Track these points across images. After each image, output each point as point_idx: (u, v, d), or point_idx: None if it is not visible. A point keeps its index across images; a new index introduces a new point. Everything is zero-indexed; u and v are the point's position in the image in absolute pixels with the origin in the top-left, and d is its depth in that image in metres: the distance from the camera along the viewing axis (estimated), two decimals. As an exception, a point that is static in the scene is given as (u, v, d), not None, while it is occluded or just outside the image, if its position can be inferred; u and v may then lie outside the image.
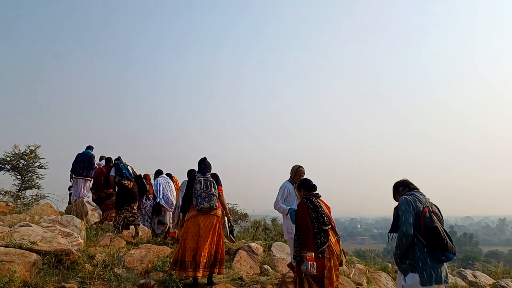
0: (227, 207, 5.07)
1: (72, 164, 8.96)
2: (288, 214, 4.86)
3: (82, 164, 8.84)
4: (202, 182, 4.75)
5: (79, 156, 8.95)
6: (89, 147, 9.38)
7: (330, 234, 3.97)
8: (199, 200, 4.63)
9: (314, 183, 4.30)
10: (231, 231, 4.93)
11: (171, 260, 4.90)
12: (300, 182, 4.42)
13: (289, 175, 5.52)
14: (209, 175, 4.92)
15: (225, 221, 4.82)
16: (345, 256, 4.24)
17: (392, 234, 3.54)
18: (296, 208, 4.24)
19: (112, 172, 7.63)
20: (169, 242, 7.55)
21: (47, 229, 4.97)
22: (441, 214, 3.48)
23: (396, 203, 3.65)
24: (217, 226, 4.73)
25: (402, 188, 3.64)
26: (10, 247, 4.08)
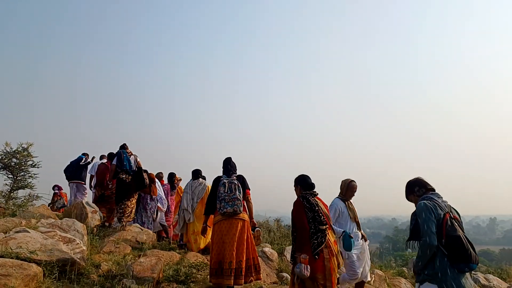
0: (253, 212, 4.66)
1: (64, 171, 9.04)
2: (341, 238, 4.27)
3: (72, 168, 8.90)
4: (227, 185, 4.40)
5: (71, 162, 9.04)
6: (84, 154, 9.26)
7: (329, 234, 3.75)
8: (223, 204, 4.31)
9: (312, 181, 3.98)
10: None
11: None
12: (297, 179, 4.03)
13: (339, 190, 4.92)
14: (235, 177, 4.53)
15: (261, 232, 4.45)
16: (342, 258, 3.99)
17: (411, 242, 3.19)
18: (350, 232, 3.89)
19: (114, 161, 7.13)
20: (173, 246, 7.08)
21: (46, 234, 4.46)
22: (460, 217, 3.14)
23: (406, 202, 3.37)
24: (243, 231, 4.37)
25: (418, 189, 3.26)
26: (6, 258, 3.56)
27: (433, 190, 3.23)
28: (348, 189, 4.81)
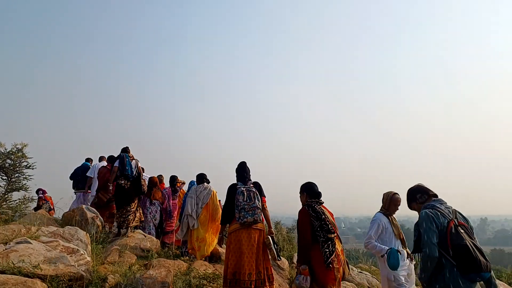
0: (270, 221, 4.45)
1: (70, 178, 8.56)
2: (386, 256, 3.85)
3: (78, 177, 8.43)
4: (245, 193, 4.21)
5: (76, 170, 8.55)
6: (88, 160, 8.85)
7: (337, 243, 3.64)
8: (242, 213, 4.10)
9: (319, 189, 3.84)
10: (277, 251, 4.30)
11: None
12: (304, 186, 3.89)
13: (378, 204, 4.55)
14: (252, 185, 4.32)
15: (270, 240, 4.20)
16: (348, 268, 3.80)
17: (415, 255, 3.19)
18: (396, 248, 3.50)
19: (117, 164, 6.86)
20: (176, 252, 6.82)
21: (49, 245, 4.17)
22: (468, 221, 2.96)
23: (408, 210, 3.27)
24: (260, 241, 4.20)
25: (420, 195, 3.13)
26: (8, 273, 3.28)
27: (436, 196, 3.10)
28: (391, 202, 4.39)
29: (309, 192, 3.82)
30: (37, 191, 10.08)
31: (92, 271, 4.14)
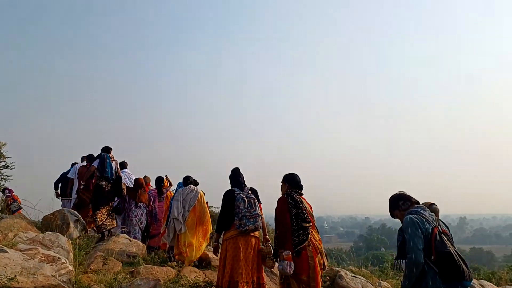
0: (265, 227, 4.31)
1: (54, 185, 8.14)
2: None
3: (65, 183, 7.95)
4: (246, 200, 4.08)
5: (62, 175, 8.11)
6: (74, 164, 8.38)
7: (314, 232, 3.73)
8: (244, 221, 3.97)
9: (301, 181, 3.92)
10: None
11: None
12: (286, 176, 3.94)
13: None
14: (249, 191, 4.25)
15: (271, 248, 4.05)
16: (327, 259, 3.86)
17: (399, 261, 3.08)
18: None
19: (95, 164, 6.59)
20: (164, 257, 6.54)
21: (27, 253, 3.85)
22: (449, 230, 2.95)
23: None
24: (256, 248, 4.10)
25: (403, 202, 3.08)
26: (-19, 287, 2.98)
27: (418, 203, 3.06)
28: None
29: (291, 182, 3.87)
30: (3, 191, 9.61)
31: (74, 281, 3.86)
